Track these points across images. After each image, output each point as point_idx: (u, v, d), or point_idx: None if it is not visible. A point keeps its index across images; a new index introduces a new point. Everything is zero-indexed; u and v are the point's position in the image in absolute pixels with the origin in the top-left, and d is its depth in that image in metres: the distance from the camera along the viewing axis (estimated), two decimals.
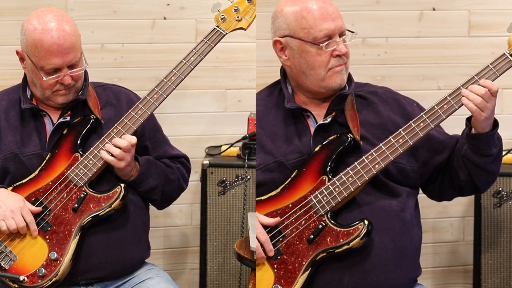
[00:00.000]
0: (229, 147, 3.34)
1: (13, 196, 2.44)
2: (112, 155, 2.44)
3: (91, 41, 3.30)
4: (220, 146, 3.39)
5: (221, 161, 3.28)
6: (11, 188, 2.49)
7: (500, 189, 3.15)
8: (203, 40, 2.57)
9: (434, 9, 3.38)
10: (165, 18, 3.39)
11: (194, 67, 2.54)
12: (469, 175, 2.36)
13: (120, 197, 2.44)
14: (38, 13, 2.50)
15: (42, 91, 2.52)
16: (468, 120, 2.32)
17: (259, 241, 2.30)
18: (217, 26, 2.60)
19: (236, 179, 3.23)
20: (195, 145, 3.41)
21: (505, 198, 3.15)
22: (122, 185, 2.46)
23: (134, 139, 2.45)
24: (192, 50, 2.56)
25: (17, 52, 2.55)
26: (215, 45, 2.57)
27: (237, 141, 3.33)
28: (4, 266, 2.40)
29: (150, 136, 2.66)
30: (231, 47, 3.39)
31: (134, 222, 2.55)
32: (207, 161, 3.25)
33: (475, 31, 3.39)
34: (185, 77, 2.54)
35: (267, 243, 2.30)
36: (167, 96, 2.52)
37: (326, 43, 2.34)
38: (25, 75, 2.61)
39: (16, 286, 2.38)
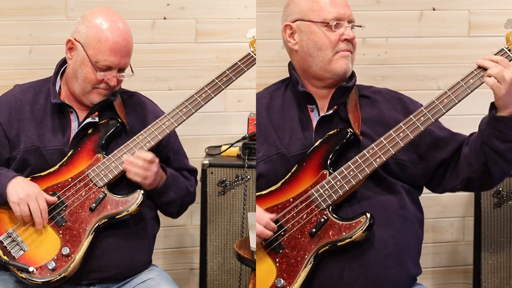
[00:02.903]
0: (229, 147, 3.35)
1: (30, 183, 2.46)
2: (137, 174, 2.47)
3: None
4: (220, 146, 3.39)
5: (221, 161, 3.28)
6: (29, 179, 2.50)
7: (500, 189, 3.15)
8: (236, 63, 2.61)
9: (434, 9, 3.39)
10: (165, 18, 3.39)
11: (225, 87, 2.59)
12: (484, 165, 2.35)
13: (139, 203, 2.46)
14: (105, 11, 2.55)
15: (83, 85, 2.53)
16: (491, 105, 2.31)
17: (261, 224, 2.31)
18: (252, 52, 2.64)
19: (236, 179, 3.23)
20: (195, 145, 3.42)
21: (505, 198, 3.16)
22: (141, 191, 2.48)
23: (150, 155, 2.47)
24: (225, 71, 2.60)
25: (69, 41, 2.55)
26: (247, 69, 2.61)
27: (237, 141, 3.33)
28: (13, 254, 2.41)
29: (174, 149, 2.69)
30: (231, 47, 3.40)
31: (145, 230, 2.57)
32: (207, 161, 3.26)
33: (475, 31, 3.39)
34: (215, 96, 2.58)
35: (268, 226, 2.31)
36: (195, 111, 2.55)
37: (335, 23, 2.39)
38: (57, 69, 2.61)
39: (23, 276, 2.39)
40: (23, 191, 2.41)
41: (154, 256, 2.71)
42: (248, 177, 3.22)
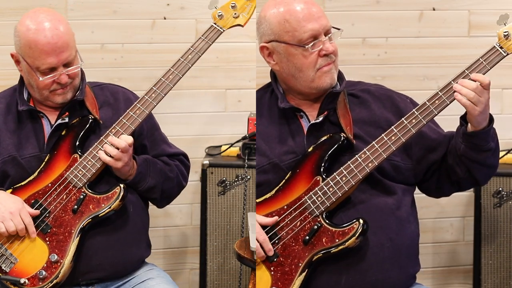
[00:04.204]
0: (229, 147, 3.34)
1: (12, 198, 2.44)
2: (109, 155, 2.44)
3: (91, 41, 3.30)
4: (220, 146, 3.39)
5: (221, 161, 3.28)
6: (10, 190, 2.48)
7: (500, 189, 3.15)
8: (200, 38, 2.55)
9: (434, 9, 3.38)
10: (165, 18, 3.39)
11: (192, 65, 2.53)
12: (468, 172, 2.35)
13: (120, 198, 2.44)
14: (30, 14, 2.49)
15: (40, 92, 2.51)
16: (462, 118, 2.31)
17: (258, 242, 2.30)
18: (215, 24, 2.58)
19: (236, 179, 3.23)
20: (195, 145, 3.41)
21: (505, 198, 3.15)
22: (122, 185, 2.45)
23: (130, 139, 2.45)
24: (189, 48, 2.54)
25: (12, 55, 2.54)
26: (212, 43, 2.55)
27: (237, 141, 3.33)
28: (4, 269, 2.40)
29: (148, 135, 2.65)
30: (231, 47, 3.40)
31: (133, 223, 2.54)
32: (207, 161, 3.26)
33: (475, 31, 3.39)
34: (183, 75, 2.53)
35: (266, 243, 2.30)
36: (165, 95, 2.51)
37: (311, 43, 2.32)
38: (21, 78, 2.60)
39: None
40: (5, 208, 2.40)
41: (154, 256, 2.70)
42: (248, 177, 3.22)
